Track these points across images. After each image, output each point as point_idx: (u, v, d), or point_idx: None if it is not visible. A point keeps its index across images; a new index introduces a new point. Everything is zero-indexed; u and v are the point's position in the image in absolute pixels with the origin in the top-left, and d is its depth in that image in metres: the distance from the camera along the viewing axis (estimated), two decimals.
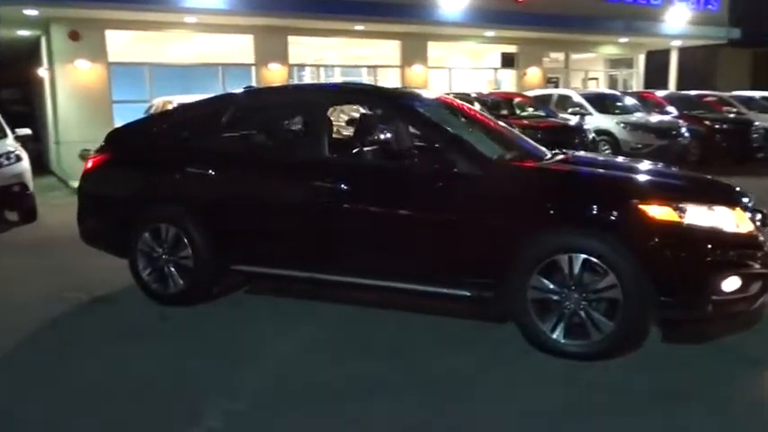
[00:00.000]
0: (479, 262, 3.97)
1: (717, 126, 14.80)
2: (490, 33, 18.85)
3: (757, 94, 19.18)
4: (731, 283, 3.60)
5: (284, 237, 4.54)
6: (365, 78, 18.99)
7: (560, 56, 21.85)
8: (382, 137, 4.38)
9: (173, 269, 4.88)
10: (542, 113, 13.99)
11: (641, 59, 23.48)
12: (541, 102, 15.09)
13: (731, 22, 22.79)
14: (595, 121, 14.02)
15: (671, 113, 15.10)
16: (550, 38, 19.85)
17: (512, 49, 20.40)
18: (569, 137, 12.11)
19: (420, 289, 4.22)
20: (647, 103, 15.76)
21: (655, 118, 14.45)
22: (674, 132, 13.65)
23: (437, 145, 4.17)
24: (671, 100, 16.29)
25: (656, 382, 3.55)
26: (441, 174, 4.07)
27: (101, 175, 5.27)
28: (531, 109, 14.43)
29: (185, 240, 4.80)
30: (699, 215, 3.64)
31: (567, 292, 3.76)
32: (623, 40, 21.56)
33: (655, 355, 3.85)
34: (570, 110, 14.55)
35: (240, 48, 16.40)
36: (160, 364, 3.94)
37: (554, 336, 3.81)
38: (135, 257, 5.00)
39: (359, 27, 16.91)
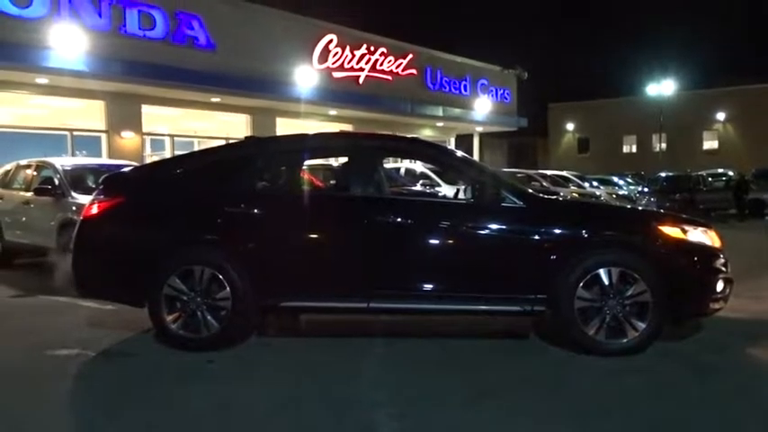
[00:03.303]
0: (534, 280, 4.59)
1: None
2: (333, 112, 20.05)
3: (549, 171, 22.87)
4: (720, 285, 4.68)
5: (344, 269, 4.70)
6: None
7: None
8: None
9: (206, 313, 4.73)
10: (398, 182, 15.19)
11: (452, 142, 26.48)
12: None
13: (519, 113, 26.91)
14: (445, 191, 15.58)
15: None
16: (383, 119, 21.66)
17: (348, 127, 21.78)
18: None
19: (476, 308, 4.69)
20: None
21: None
22: None
23: (486, 183, 4.79)
24: None
25: (691, 363, 4.44)
26: (492, 207, 4.68)
27: (111, 220, 4.92)
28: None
29: (224, 281, 4.70)
30: (694, 233, 4.72)
31: (607, 299, 4.53)
32: (440, 124, 24.27)
33: (656, 348, 4.72)
34: (421, 182, 15.99)
35: (90, 114, 15.42)
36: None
37: (598, 338, 4.54)
38: (158, 303, 4.73)
39: (215, 99, 16.95)
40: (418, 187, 14.60)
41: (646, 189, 23.13)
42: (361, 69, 20.15)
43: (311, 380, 4.14)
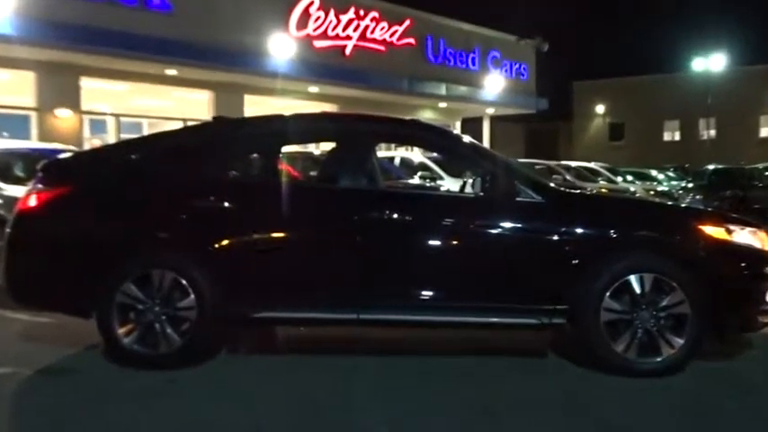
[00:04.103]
0: (553, 288, 4.79)
1: None
2: (314, 89, 20.23)
3: (574, 163, 23.24)
4: None
5: (330, 274, 4.88)
6: None
7: None
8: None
9: (166, 324, 4.87)
10: (393, 175, 15.35)
11: (457, 126, 26.76)
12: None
13: (538, 92, 27.23)
14: (448, 185, 15.78)
15: None
16: (374, 98, 21.86)
17: (333, 108, 21.96)
18: None
19: (485, 321, 4.88)
20: None
21: None
22: None
23: (498, 175, 4.97)
24: None
25: (736, 385, 4.69)
26: (505, 202, 4.87)
27: (53, 215, 5.05)
28: None
29: (188, 288, 4.84)
30: (741, 235, 4.93)
31: (638, 311, 4.73)
32: (443, 104, 24.52)
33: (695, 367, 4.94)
34: (420, 173, 16.18)
35: (17, 87, 15.52)
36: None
37: (627, 356, 4.73)
38: (109, 313, 4.86)
39: (171, 72, 17.08)
40: (416, 180, 14.82)
41: (690, 185, 23.50)
42: (349, 38, 20.35)
43: (291, 401, 4.32)
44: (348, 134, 5.29)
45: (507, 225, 4.89)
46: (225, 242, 4.91)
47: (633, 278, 4.73)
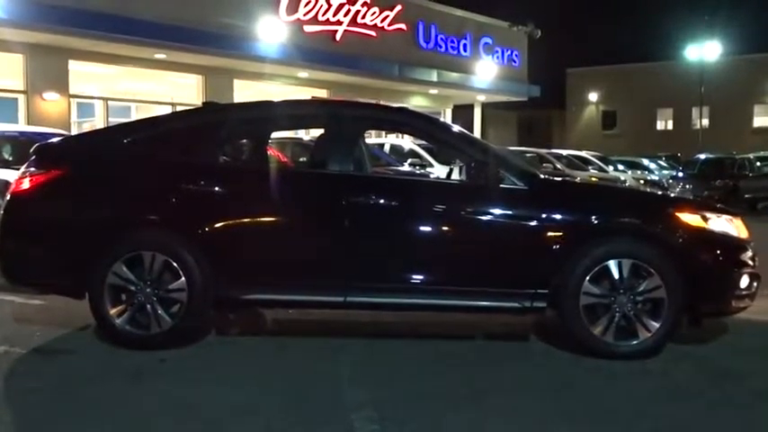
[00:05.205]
0: (534, 273, 4.99)
1: None
2: (304, 74, 20.34)
3: (565, 151, 23.48)
4: (744, 281, 5.11)
5: (317, 258, 5.08)
6: None
7: None
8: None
9: (157, 305, 5.04)
10: (383, 161, 15.52)
11: (449, 113, 26.93)
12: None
13: (531, 79, 27.42)
14: (438, 172, 15.94)
15: None
16: (365, 84, 22.01)
17: (323, 93, 22.10)
18: None
19: (468, 304, 5.09)
20: None
21: None
22: None
23: (483, 162, 5.16)
24: None
25: (709, 368, 4.92)
26: (489, 189, 5.06)
27: (47, 197, 5.21)
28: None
29: (179, 270, 5.02)
30: (716, 222, 5.14)
31: (616, 295, 4.94)
32: (434, 91, 24.66)
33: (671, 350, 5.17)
34: (410, 160, 16.34)
35: (5, 70, 15.58)
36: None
37: (605, 339, 4.95)
38: (100, 294, 5.02)
39: (159, 55, 17.15)
40: (406, 167, 14.99)
41: (680, 174, 23.76)
42: (339, 23, 20.45)
43: (280, 382, 4.50)
44: (337, 120, 5.46)
45: (491, 211, 5.07)
46: (215, 225, 5.08)
47: (612, 263, 4.93)
